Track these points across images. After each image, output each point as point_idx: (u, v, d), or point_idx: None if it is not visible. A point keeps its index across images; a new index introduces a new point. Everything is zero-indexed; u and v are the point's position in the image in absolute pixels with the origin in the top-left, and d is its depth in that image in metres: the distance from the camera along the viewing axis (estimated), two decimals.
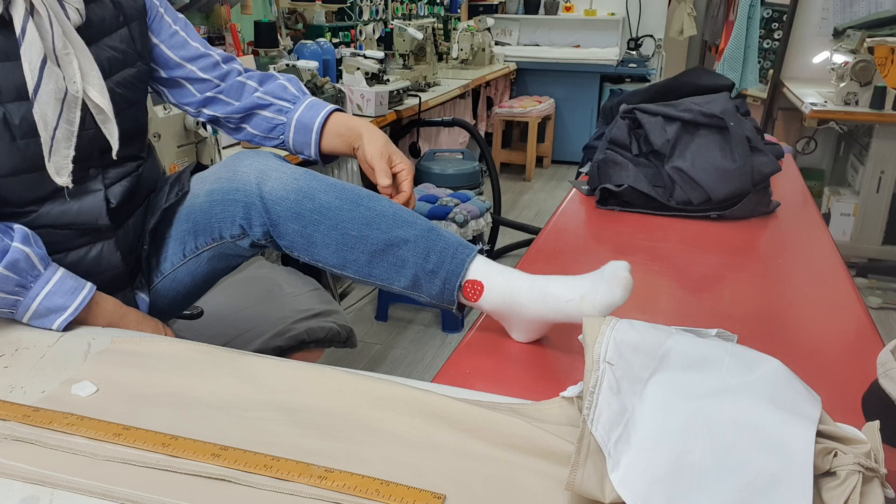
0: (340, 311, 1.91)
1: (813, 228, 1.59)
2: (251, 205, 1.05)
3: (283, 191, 1.03)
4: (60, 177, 0.97)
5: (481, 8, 6.11)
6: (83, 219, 1.05)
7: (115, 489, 0.66)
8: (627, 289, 0.93)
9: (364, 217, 1.02)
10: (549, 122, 5.63)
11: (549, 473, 0.69)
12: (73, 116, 0.97)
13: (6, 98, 0.94)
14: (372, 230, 1.01)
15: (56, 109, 0.95)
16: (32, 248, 0.96)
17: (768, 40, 4.33)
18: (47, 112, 0.94)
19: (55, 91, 0.94)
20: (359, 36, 3.92)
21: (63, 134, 0.97)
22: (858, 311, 1.16)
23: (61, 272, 0.99)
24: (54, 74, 0.94)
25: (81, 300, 0.98)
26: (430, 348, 2.85)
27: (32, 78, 0.93)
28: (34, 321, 0.97)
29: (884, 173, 3.35)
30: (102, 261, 1.08)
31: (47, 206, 1.02)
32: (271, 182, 1.04)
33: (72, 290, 0.98)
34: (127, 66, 1.09)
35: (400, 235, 1.01)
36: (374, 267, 1.02)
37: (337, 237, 1.01)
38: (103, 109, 0.99)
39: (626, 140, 1.71)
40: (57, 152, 0.96)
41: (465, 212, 2.81)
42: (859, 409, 0.81)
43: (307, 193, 1.03)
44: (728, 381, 0.66)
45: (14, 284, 0.94)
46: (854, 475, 0.60)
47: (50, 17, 0.94)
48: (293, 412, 0.79)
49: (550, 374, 0.95)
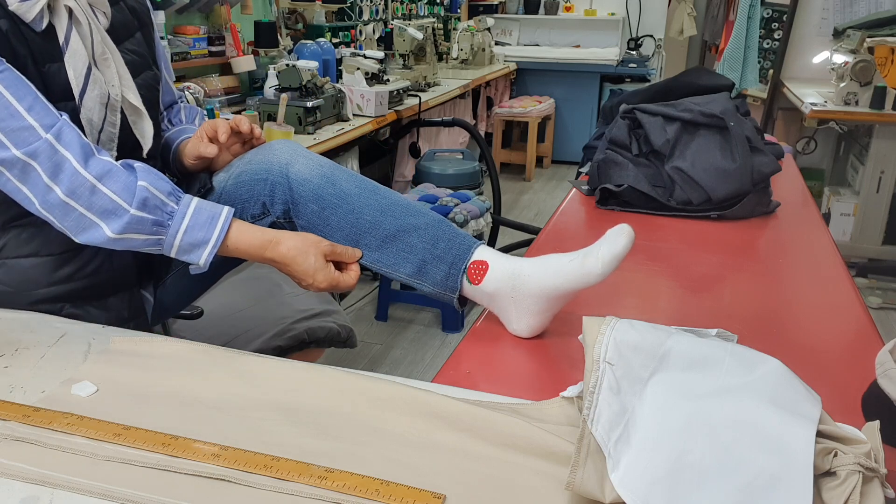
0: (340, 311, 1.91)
1: (813, 228, 1.59)
2: (277, 183, 1.08)
3: (308, 173, 1.08)
4: None
5: (481, 8, 6.11)
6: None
7: (115, 489, 0.66)
8: (629, 237, 0.93)
9: (380, 205, 1.06)
10: (549, 122, 5.63)
11: (549, 473, 0.69)
12: (116, 119, 1.01)
13: (56, 98, 0.95)
14: (385, 217, 1.05)
15: (101, 113, 0.99)
16: (158, 184, 0.96)
17: (768, 40, 4.33)
18: (93, 116, 0.98)
19: (100, 96, 0.98)
20: (359, 36, 3.92)
21: (107, 136, 1.01)
22: (858, 311, 1.16)
23: (195, 204, 0.98)
24: (98, 80, 0.98)
25: (220, 230, 0.97)
26: (430, 348, 2.85)
27: (78, 84, 0.96)
28: (183, 257, 0.97)
29: (884, 173, 3.35)
30: (114, 256, 1.08)
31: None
32: (298, 165, 1.09)
33: (208, 220, 0.97)
34: (146, 68, 1.12)
35: (412, 223, 1.04)
36: (384, 253, 1.05)
37: (352, 221, 1.05)
38: (139, 109, 1.03)
39: (626, 140, 1.71)
40: (102, 154, 0.97)
41: (465, 212, 2.81)
42: (859, 409, 0.81)
43: (330, 179, 1.08)
44: (728, 381, 0.66)
45: (151, 224, 0.94)
46: (854, 475, 0.60)
47: (90, 24, 0.98)
48: (293, 412, 0.79)
49: (550, 374, 0.95)
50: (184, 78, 2.57)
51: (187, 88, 2.08)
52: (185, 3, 2.58)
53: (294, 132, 2.56)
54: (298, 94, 2.72)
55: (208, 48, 2.79)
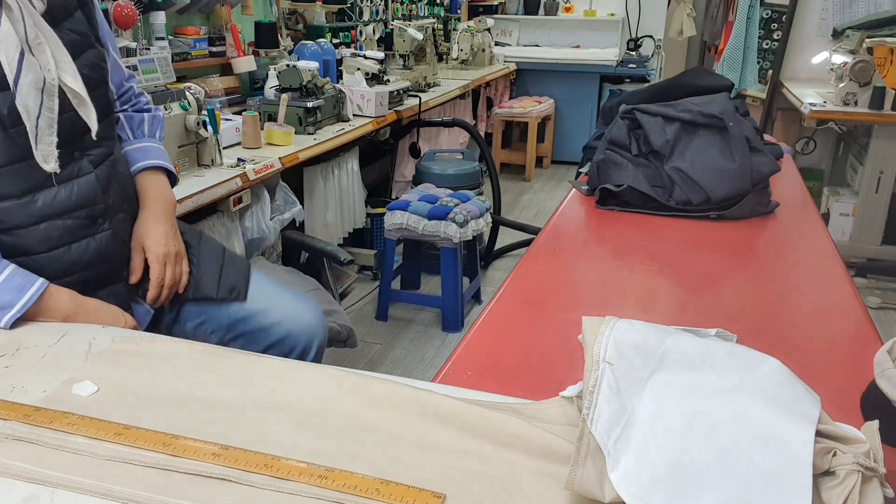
0: (340, 311, 1.91)
1: (812, 228, 1.59)
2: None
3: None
4: (48, 164, 1.00)
5: (481, 8, 6.11)
6: (81, 203, 1.08)
7: (115, 489, 0.66)
8: None
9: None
10: (549, 122, 5.63)
11: (548, 473, 0.69)
12: (53, 104, 1.00)
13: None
14: None
15: (37, 99, 0.97)
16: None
17: (767, 41, 4.33)
18: (28, 102, 0.97)
19: (34, 81, 0.97)
20: (359, 36, 3.92)
21: (45, 122, 0.99)
22: (857, 311, 1.16)
23: (10, 269, 1.00)
24: (32, 65, 0.96)
25: (30, 297, 0.99)
26: (430, 348, 2.85)
27: (11, 70, 0.95)
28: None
29: (883, 173, 3.35)
30: (102, 252, 1.11)
31: (43, 194, 1.04)
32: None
33: (20, 287, 0.99)
34: (88, 47, 1.11)
35: None
36: None
37: None
38: (79, 93, 1.02)
39: (625, 140, 1.71)
40: (42, 140, 0.98)
41: (465, 212, 2.81)
42: (858, 409, 0.81)
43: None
44: (728, 381, 0.66)
45: None
46: (853, 475, 0.60)
47: (21, 9, 0.96)
48: (293, 412, 0.79)
49: (550, 374, 0.95)
50: (184, 78, 2.56)
51: (188, 89, 2.08)
52: (185, 3, 2.58)
53: (294, 132, 2.56)
54: (299, 95, 2.72)
55: (209, 48, 2.79)
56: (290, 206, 2.54)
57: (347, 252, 2.56)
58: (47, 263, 1.06)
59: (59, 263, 1.07)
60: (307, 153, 2.52)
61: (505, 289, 1.23)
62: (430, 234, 2.84)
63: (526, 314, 1.15)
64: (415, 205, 2.89)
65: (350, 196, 3.15)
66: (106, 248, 1.12)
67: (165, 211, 1.22)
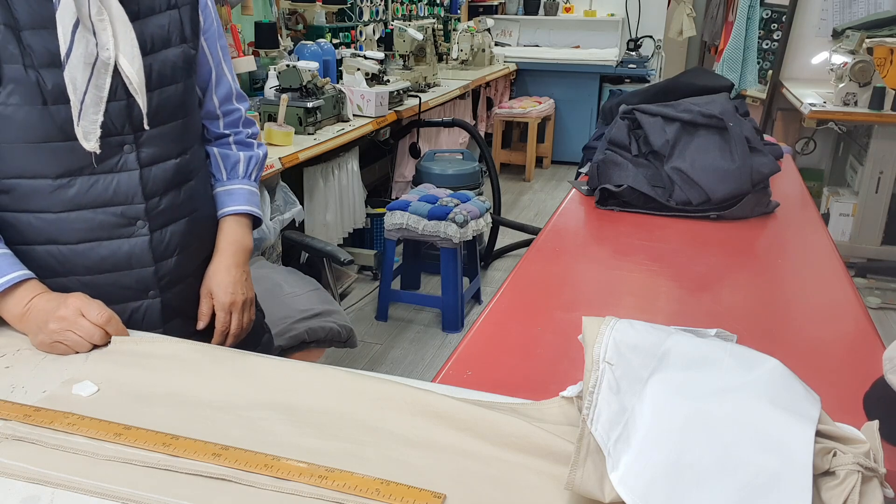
0: (340, 311, 1.91)
1: (812, 229, 1.59)
2: None
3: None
4: (88, 141, 0.97)
5: (481, 9, 6.11)
6: (119, 198, 1.04)
7: (115, 489, 0.66)
8: None
9: None
10: (549, 122, 5.63)
11: (548, 473, 0.69)
12: (103, 83, 0.98)
13: (39, 63, 0.95)
14: None
15: (85, 74, 0.96)
16: None
17: (767, 41, 4.33)
18: (76, 76, 0.95)
19: (85, 56, 0.95)
20: (359, 37, 3.92)
21: (92, 99, 0.97)
22: (857, 311, 1.16)
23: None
24: (84, 39, 0.95)
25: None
26: (430, 348, 2.85)
27: (65, 42, 0.94)
28: None
29: (883, 173, 3.35)
30: (133, 259, 1.07)
31: (80, 180, 1.01)
32: None
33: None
34: (170, 45, 1.08)
35: None
36: None
37: None
38: (131, 79, 1.00)
39: (625, 140, 1.71)
40: (85, 117, 0.96)
41: (465, 212, 2.81)
42: (859, 409, 0.81)
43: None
44: (727, 381, 0.66)
45: None
46: (853, 475, 0.60)
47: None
48: (293, 412, 0.79)
49: (550, 374, 0.95)
50: None
51: None
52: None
53: (294, 132, 2.56)
54: (299, 95, 2.72)
55: None
56: (290, 206, 2.54)
57: (347, 252, 2.56)
58: (73, 256, 1.04)
59: (86, 259, 1.04)
60: (307, 153, 2.52)
61: (505, 289, 1.23)
62: (430, 234, 2.84)
63: (526, 314, 1.15)
64: (415, 205, 2.89)
65: (350, 196, 3.15)
66: (140, 256, 1.07)
67: (238, 259, 1.19)
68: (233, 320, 1.17)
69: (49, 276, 1.02)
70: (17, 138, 0.97)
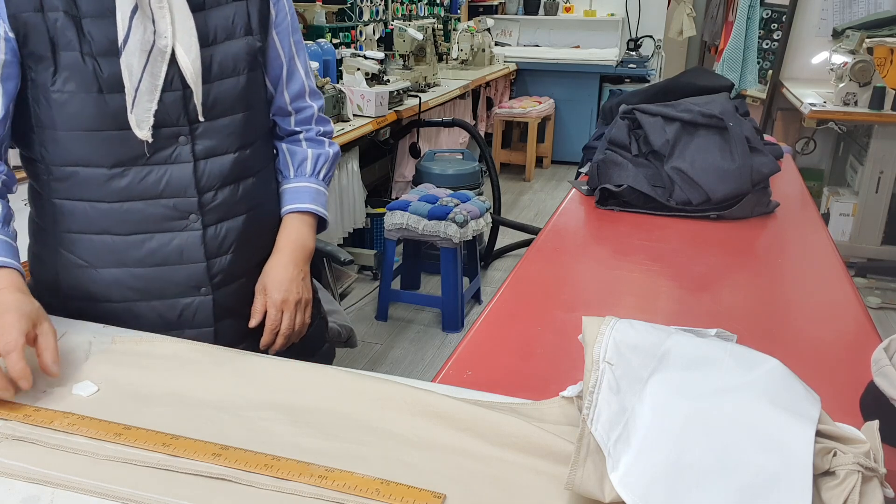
0: (340, 311, 1.91)
1: (812, 228, 1.59)
2: None
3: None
4: (141, 129, 0.97)
5: (481, 9, 6.12)
6: (171, 191, 1.03)
7: (115, 489, 0.66)
8: None
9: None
10: (549, 122, 5.63)
11: (548, 473, 0.69)
12: (158, 70, 0.97)
13: (98, 51, 0.95)
14: None
15: (141, 61, 0.96)
16: None
17: (767, 41, 4.34)
18: (133, 62, 0.95)
19: (142, 42, 0.95)
20: (359, 36, 3.92)
21: (146, 87, 0.97)
22: (857, 311, 1.16)
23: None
24: (142, 26, 0.95)
25: None
26: (430, 348, 2.85)
27: (123, 28, 0.94)
28: None
29: (883, 173, 3.35)
30: (184, 254, 1.06)
31: (133, 171, 1.01)
32: None
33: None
34: (234, 37, 1.06)
35: None
36: None
37: None
38: (187, 69, 0.99)
39: (625, 140, 1.71)
40: (139, 104, 0.96)
41: (465, 212, 2.81)
42: (858, 409, 0.81)
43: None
44: (727, 381, 0.66)
45: None
46: (853, 475, 0.60)
47: None
48: (293, 412, 0.79)
49: (550, 374, 0.95)
50: None
51: None
52: None
53: None
54: None
55: None
56: None
57: (347, 252, 2.56)
58: (125, 247, 1.03)
59: (137, 251, 1.04)
60: None
61: (505, 289, 1.23)
62: (430, 234, 2.84)
63: (526, 314, 1.15)
64: (415, 205, 2.89)
65: (350, 196, 3.15)
66: (192, 251, 1.06)
67: (296, 258, 1.16)
68: (284, 319, 1.12)
69: (104, 265, 1.04)
70: (74, 126, 0.98)
